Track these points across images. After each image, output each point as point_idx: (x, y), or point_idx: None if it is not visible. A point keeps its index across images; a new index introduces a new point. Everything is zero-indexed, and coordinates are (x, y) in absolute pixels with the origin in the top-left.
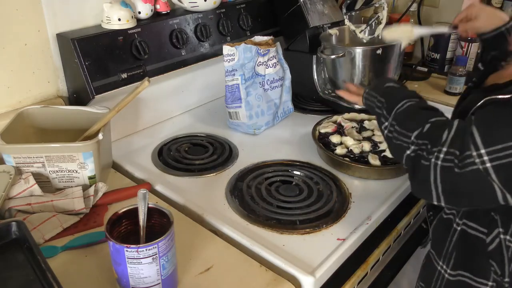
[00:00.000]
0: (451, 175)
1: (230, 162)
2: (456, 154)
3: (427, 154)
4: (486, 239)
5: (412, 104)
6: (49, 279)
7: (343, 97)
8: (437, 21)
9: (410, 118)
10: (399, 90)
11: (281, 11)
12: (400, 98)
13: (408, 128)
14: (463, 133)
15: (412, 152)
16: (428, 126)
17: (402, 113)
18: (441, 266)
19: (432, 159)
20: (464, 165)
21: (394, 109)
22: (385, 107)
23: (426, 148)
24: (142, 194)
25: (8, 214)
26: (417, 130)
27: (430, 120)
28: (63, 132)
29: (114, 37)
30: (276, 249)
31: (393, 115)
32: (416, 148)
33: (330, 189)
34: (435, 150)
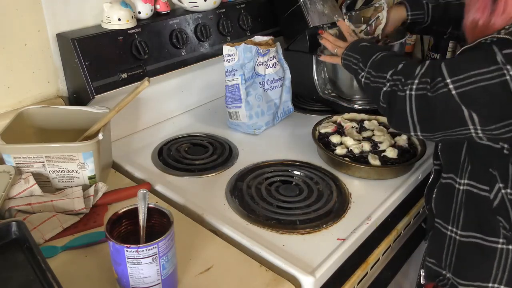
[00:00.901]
0: (425, 100)
1: (230, 162)
2: (428, 81)
3: (402, 86)
4: (489, 195)
5: (385, 54)
6: (49, 279)
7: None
8: None
9: (385, 63)
10: (372, 46)
11: (281, 11)
12: (375, 52)
13: (383, 70)
14: (433, 67)
15: (388, 88)
16: (401, 65)
17: (377, 61)
18: (450, 230)
19: (406, 91)
20: (436, 89)
21: (370, 60)
22: (361, 61)
23: (401, 81)
24: (142, 194)
25: (8, 214)
26: (392, 70)
27: (403, 62)
28: (63, 132)
29: (114, 37)
30: (276, 249)
31: (369, 65)
32: (392, 84)
33: (330, 189)
34: (409, 82)
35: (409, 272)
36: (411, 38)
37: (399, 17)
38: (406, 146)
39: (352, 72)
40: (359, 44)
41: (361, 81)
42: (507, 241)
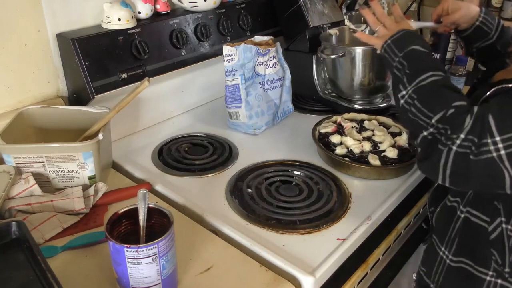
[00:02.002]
0: (465, 161)
1: (230, 162)
2: (474, 141)
3: (445, 140)
4: (488, 227)
5: (436, 80)
6: (49, 279)
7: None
8: None
9: (433, 97)
10: (424, 57)
11: (281, 11)
12: (425, 68)
13: (430, 108)
14: (481, 120)
15: (430, 135)
16: (451, 111)
17: (425, 88)
18: (443, 251)
19: (449, 145)
20: (480, 153)
21: (417, 80)
22: (406, 74)
23: (446, 133)
24: (142, 194)
25: (8, 214)
26: (440, 113)
27: (454, 104)
28: (63, 132)
29: (114, 37)
30: (276, 249)
31: (414, 87)
32: (435, 132)
33: (330, 189)
34: (454, 137)
35: (409, 272)
36: None
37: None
38: (406, 146)
39: (390, 71)
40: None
41: (399, 99)
42: (497, 275)
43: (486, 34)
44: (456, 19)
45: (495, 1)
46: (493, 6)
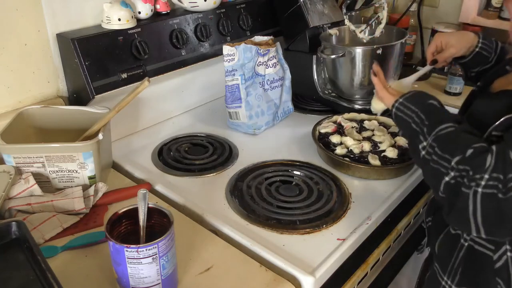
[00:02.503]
0: (494, 202)
1: (230, 162)
2: (500, 178)
3: (468, 181)
4: (493, 256)
5: (456, 129)
6: (49, 279)
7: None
8: (437, 21)
9: (452, 142)
10: (442, 110)
11: (281, 11)
12: (444, 120)
13: (450, 153)
14: (502, 157)
15: (452, 179)
16: (470, 152)
17: (444, 136)
18: (445, 281)
19: (473, 187)
20: (509, 189)
21: (436, 130)
22: (426, 125)
23: (468, 174)
24: (142, 194)
25: (8, 214)
26: (459, 156)
27: (473, 146)
28: (63, 132)
29: (114, 37)
30: (276, 249)
31: (434, 137)
32: (457, 175)
33: (330, 189)
34: (477, 177)
35: (409, 272)
36: (411, 38)
37: (468, 40)
38: (406, 146)
39: (407, 128)
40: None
41: (420, 152)
42: None
43: (486, 59)
44: (452, 54)
45: (495, 1)
46: (493, 6)
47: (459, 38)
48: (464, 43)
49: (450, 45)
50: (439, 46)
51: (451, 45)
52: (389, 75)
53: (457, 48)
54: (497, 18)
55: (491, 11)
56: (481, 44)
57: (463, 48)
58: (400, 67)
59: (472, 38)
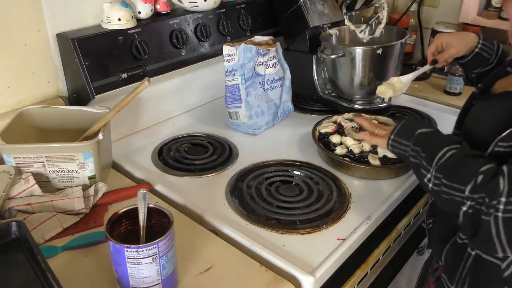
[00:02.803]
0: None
1: (230, 162)
2: None
3: (487, 208)
4: (501, 264)
5: (454, 153)
6: (49, 279)
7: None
8: (437, 21)
9: (458, 170)
10: (434, 135)
11: (281, 11)
12: (439, 146)
13: (459, 181)
14: None
15: (470, 208)
16: (481, 178)
17: (446, 164)
18: None
19: (492, 213)
20: None
21: (436, 159)
22: (423, 157)
23: (484, 201)
24: (142, 194)
25: (8, 214)
26: (470, 184)
27: (481, 170)
28: (63, 132)
29: (114, 37)
30: (276, 249)
31: (435, 167)
32: (473, 204)
33: (330, 189)
34: (494, 203)
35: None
36: (411, 38)
37: (468, 41)
38: None
39: (408, 162)
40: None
41: (427, 185)
42: None
43: (486, 60)
44: (452, 55)
45: (495, 1)
46: (493, 6)
47: (459, 39)
48: (464, 44)
49: (450, 45)
50: (439, 46)
51: (451, 45)
52: (389, 75)
53: (457, 49)
54: (497, 18)
55: (491, 11)
56: (481, 45)
57: (463, 48)
58: (400, 67)
59: (472, 38)
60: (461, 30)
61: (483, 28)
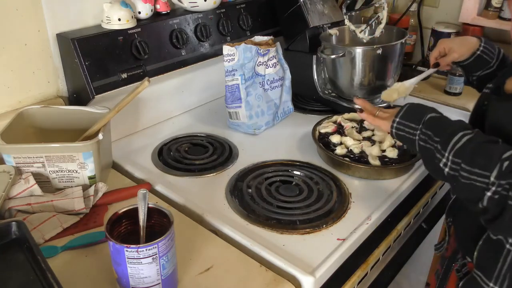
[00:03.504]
0: None
1: (230, 162)
2: None
3: None
4: None
5: (470, 138)
6: (49, 279)
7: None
8: (437, 21)
9: (479, 155)
10: (445, 120)
11: (281, 11)
12: (454, 130)
13: (482, 167)
14: None
15: (495, 194)
16: (506, 164)
17: (465, 149)
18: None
19: None
20: None
21: (451, 143)
22: (437, 141)
23: (511, 188)
24: (142, 194)
25: (8, 214)
26: (496, 170)
27: (505, 156)
28: (63, 132)
29: (114, 37)
30: (276, 249)
31: (452, 151)
32: (499, 189)
33: (330, 189)
34: None
35: (409, 272)
36: (411, 38)
37: (470, 45)
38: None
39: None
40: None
41: (442, 169)
42: None
43: (487, 63)
44: (454, 58)
45: (495, 1)
46: (493, 6)
47: (462, 43)
48: (466, 48)
49: (452, 50)
50: (442, 51)
51: (453, 50)
52: (389, 75)
53: (459, 53)
54: (497, 18)
55: (491, 11)
56: (483, 47)
57: (465, 52)
58: (400, 67)
59: (474, 42)
60: (461, 30)
61: (483, 28)
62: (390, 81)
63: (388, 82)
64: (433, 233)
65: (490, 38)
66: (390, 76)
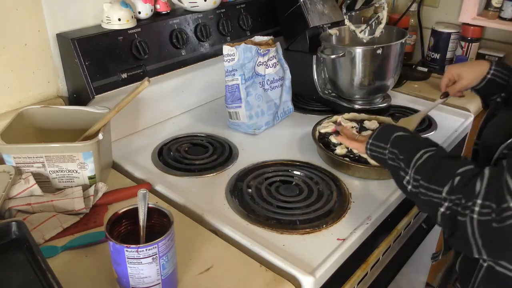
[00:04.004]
0: (490, 229)
1: (230, 162)
2: (492, 207)
3: (463, 210)
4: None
5: (431, 155)
6: (49, 279)
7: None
8: (437, 21)
9: (436, 171)
10: (410, 139)
11: (281, 11)
12: (416, 148)
13: (436, 182)
14: (497, 183)
15: (447, 210)
16: (458, 179)
17: (424, 166)
18: None
19: (468, 215)
20: (503, 219)
21: (413, 161)
22: (401, 159)
23: (461, 203)
24: (142, 194)
25: (8, 214)
26: (448, 185)
27: (459, 171)
28: (63, 132)
29: (114, 37)
30: (276, 249)
31: (413, 169)
32: (450, 205)
33: (330, 189)
34: (470, 204)
35: (409, 272)
36: (411, 38)
37: (479, 70)
38: None
39: (386, 166)
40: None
41: (406, 187)
42: None
43: (500, 86)
44: (463, 86)
45: (495, 1)
46: (493, 6)
47: (470, 69)
48: (475, 74)
49: (461, 77)
50: (451, 79)
51: (462, 77)
52: (389, 75)
53: (467, 80)
54: (497, 18)
55: (491, 11)
56: (494, 71)
57: (474, 79)
58: (400, 67)
59: (483, 67)
60: (461, 30)
61: (483, 28)
62: (390, 81)
63: (388, 82)
64: (433, 233)
65: (490, 38)
66: (390, 76)
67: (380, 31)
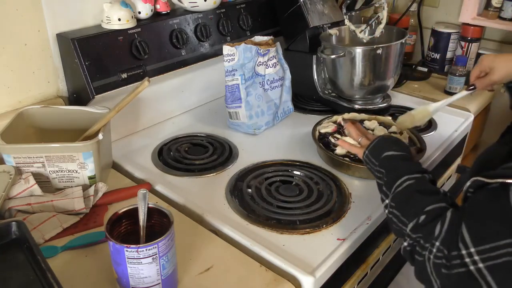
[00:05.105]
0: (440, 274)
1: (230, 162)
2: (444, 252)
3: (421, 249)
4: None
5: (410, 184)
6: (49, 279)
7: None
8: (437, 21)
9: (408, 204)
10: (398, 161)
11: (281, 11)
12: (400, 173)
13: (405, 214)
14: (455, 228)
15: (408, 246)
16: (423, 218)
17: (400, 195)
18: None
19: (425, 255)
20: (452, 266)
21: (394, 187)
22: (384, 181)
23: (419, 243)
24: (142, 194)
25: (8, 214)
26: (413, 222)
27: (426, 210)
28: (63, 132)
29: (114, 37)
30: (276, 249)
31: (392, 194)
32: (411, 242)
33: (330, 189)
34: (427, 246)
35: (409, 272)
36: (411, 38)
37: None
38: None
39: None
40: (383, 152)
41: (384, 209)
42: None
43: None
44: (493, 82)
45: (495, 1)
46: (493, 6)
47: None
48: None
49: (493, 70)
50: (483, 70)
51: (494, 71)
52: (389, 75)
53: (499, 76)
54: (497, 18)
55: (491, 11)
56: None
57: (508, 75)
58: (400, 67)
59: None
60: (461, 30)
61: (483, 28)
62: (390, 81)
63: (388, 82)
64: None
65: (490, 38)
66: (390, 76)
67: (380, 31)
